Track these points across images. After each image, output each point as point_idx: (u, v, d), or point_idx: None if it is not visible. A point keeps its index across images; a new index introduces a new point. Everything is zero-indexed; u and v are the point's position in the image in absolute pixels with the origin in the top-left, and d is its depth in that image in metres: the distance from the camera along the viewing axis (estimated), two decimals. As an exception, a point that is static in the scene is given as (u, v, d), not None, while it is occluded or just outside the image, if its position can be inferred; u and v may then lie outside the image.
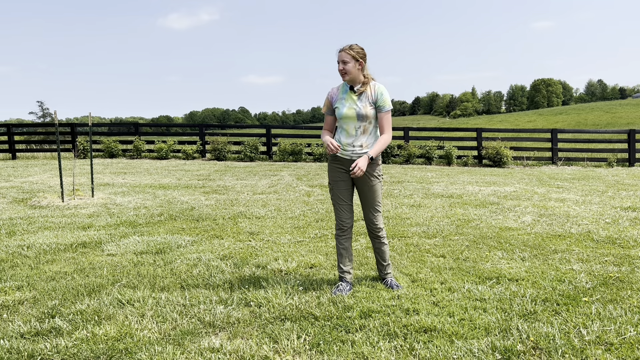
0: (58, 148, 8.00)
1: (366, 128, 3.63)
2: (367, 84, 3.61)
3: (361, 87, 3.60)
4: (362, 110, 3.58)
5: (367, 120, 3.60)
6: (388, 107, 3.61)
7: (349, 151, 3.64)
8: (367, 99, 3.60)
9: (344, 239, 3.76)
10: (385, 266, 3.85)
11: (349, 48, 3.54)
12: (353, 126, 3.62)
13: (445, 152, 16.17)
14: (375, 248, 3.85)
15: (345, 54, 3.54)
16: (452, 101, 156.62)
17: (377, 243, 3.82)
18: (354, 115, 3.59)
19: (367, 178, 3.66)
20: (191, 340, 2.87)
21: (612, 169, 14.72)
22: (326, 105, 3.78)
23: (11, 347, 2.77)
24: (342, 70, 3.56)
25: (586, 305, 3.35)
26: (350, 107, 3.60)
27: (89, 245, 5.11)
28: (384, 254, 3.83)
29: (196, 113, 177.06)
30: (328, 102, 3.76)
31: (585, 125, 54.70)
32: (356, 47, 3.56)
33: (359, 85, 3.61)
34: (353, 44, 3.57)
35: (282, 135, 18.41)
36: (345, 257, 3.76)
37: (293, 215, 6.77)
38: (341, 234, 3.75)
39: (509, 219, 6.49)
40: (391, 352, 2.71)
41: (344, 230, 3.74)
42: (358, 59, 3.54)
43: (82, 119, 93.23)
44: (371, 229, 3.78)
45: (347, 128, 3.64)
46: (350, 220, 3.74)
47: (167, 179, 10.87)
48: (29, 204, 7.51)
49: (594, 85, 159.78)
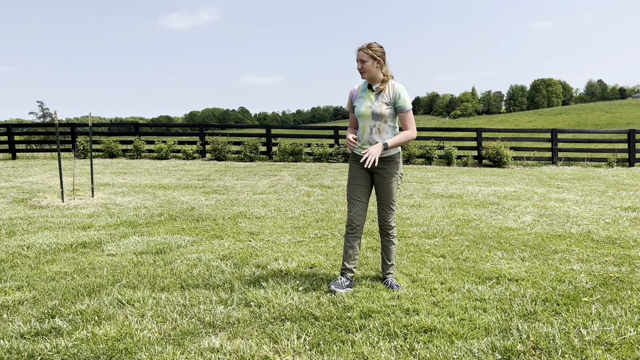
0: (58, 148, 8.00)
1: (381, 127, 3.65)
2: (386, 82, 3.64)
3: (380, 86, 3.63)
4: (377, 109, 3.60)
5: (382, 119, 3.63)
6: (409, 107, 3.66)
7: (366, 149, 3.66)
8: (384, 98, 3.63)
9: (353, 237, 3.77)
10: (389, 266, 3.86)
11: (367, 47, 3.57)
12: (368, 124, 3.67)
13: (445, 152, 16.17)
14: (384, 246, 3.87)
15: (363, 53, 3.57)
16: (452, 101, 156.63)
17: (386, 241, 3.85)
18: (369, 114, 3.63)
19: (387, 176, 3.70)
20: (191, 340, 2.87)
21: (612, 169, 14.72)
22: (348, 103, 3.85)
23: (11, 347, 2.77)
24: (361, 69, 3.61)
25: (586, 305, 3.35)
26: (366, 105, 3.65)
27: (89, 245, 5.11)
28: (391, 253, 3.85)
29: (196, 113, 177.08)
30: (349, 100, 3.82)
31: (585, 125, 54.69)
32: (375, 46, 3.59)
33: (378, 83, 3.64)
34: (372, 43, 3.60)
35: (282, 135, 18.40)
36: (351, 256, 3.78)
37: (293, 215, 6.77)
38: (351, 232, 3.77)
39: (509, 219, 6.49)
40: (391, 352, 2.71)
41: (353, 228, 3.75)
42: (376, 57, 3.57)
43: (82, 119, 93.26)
44: (383, 226, 3.82)
45: (363, 126, 3.70)
46: (361, 218, 3.76)
47: (167, 179, 10.87)
48: (29, 204, 7.51)
49: (594, 85, 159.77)
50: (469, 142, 17.76)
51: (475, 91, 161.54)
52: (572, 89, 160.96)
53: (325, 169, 13.58)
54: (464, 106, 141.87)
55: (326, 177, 11.49)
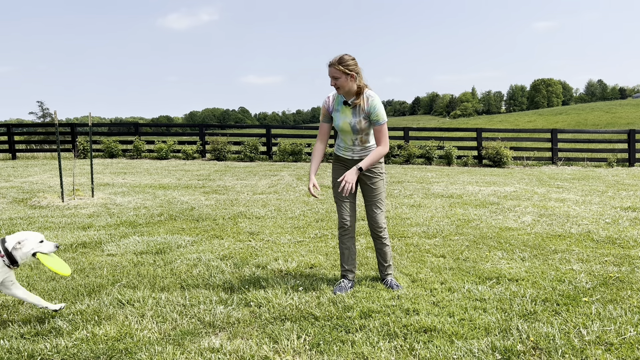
0: (58, 148, 8.00)
1: (363, 138, 3.66)
2: (360, 95, 3.53)
3: (355, 100, 3.53)
4: (356, 125, 3.58)
5: (362, 132, 3.62)
6: (382, 121, 3.53)
7: (349, 152, 3.71)
8: (361, 112, 3.56)
9: (347, 238, 3.75)
10: (386, 267, 3.83)
11: (338, 62, 3.43)
12: (350, 137, 3.66)
13: (445, 152, 16.17)
14: (377, 249, 3.83)
15: (334, 70, 3.44)
16: (452, 101, 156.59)
17: (379, 244, 3.80)
18: (349, 129, 3.62)
19: (371, 175, 3.68)
20: (191, 340, 2.87)
21: (612, 169, 14.72)
22: (323, 113, 3.74)
23: (11, 347, 2.77)
24: (335, 86, 3.51)
25: (586, 305, 3.35)
26: (345, 121, 3.60)
27: (89, 245, 5.11)
28: (386, 255, 3.81)
29: (196, 113, 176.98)
30: (325, 110, 3.71)
31: (585, 125, 54.67)
32: (346, 59, 3.44)
33: (353, 97, 3.54)
34: (343, 56, 3.46)
35: (282, 135, 18.40)
36: (348, 257, 3.75)
37: (293, 215, 6.77)
38: (343, 233, 3.74)
39: (509, 219, 6.49)
40: (391, 352, 2.71)
41: (345, 229, 3.73)
42: (348, 72, 3.43)
43: (82, 119, 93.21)
44: (374, 228, 3.75)
45: (344, 138, 3.69)
46: (352, 218, 3.73)
47: (167, 179, 10.87)
48: (29, 204, 7.51)
49: (594, 85, 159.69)
50: (469, 142, 17.76)
51: (475, 91, 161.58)
52: (572, 89, 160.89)
53: (325, 169, 13.58)
54: (464, 106, 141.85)
55: (326, 177, 11.49)
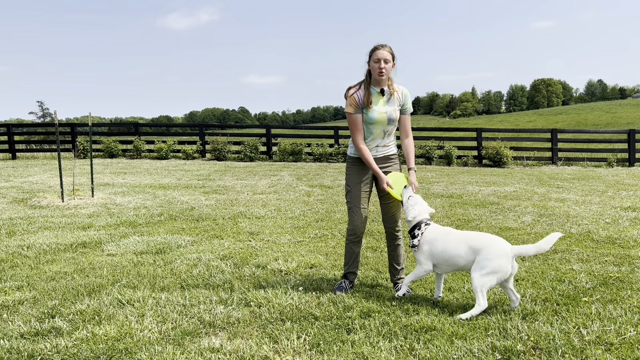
0: (58, 148, 8.00)
1: (391, 130, 3.59)
2: (391, 85, 3.49)
3: (391, 89, 3.47)
4: (392, 115, 3.49)
5: (394, 123, 3.54)
6: (411, 109, 3.61)
7: (373, 151, 3.58)
8: (395, 102, 3.50)
9: (355, 244, 3.68)
10: (399, 270, 3.75)
11: (388, 46, 3.36)
12: (382, 129, 3.52)
13: (445, 152, 16.17)
14: (391, 251, 3.74)
15: (387, 53, 3.33)
16: (452, 101, 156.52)
17: (394, 244, 3.72)
18: (385, 120, 3.47)
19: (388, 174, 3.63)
20: (191, 340, 2.87)
21: (612, 169, 14.72)
22: (353, 105, 3.45)
23: (11, 347, 2.77)
24: (383, 69, 3.34)
25: (586, 305, 3.35)
26: (380, 112, 3.45)
27: (89, 245, 5.11)
28: (400, 257, 3.74)
29: (196, 113, 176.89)
30: (354, 101, 3.44)
31: (585, 125, 54.62)
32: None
33: (386, 86, 3.47)
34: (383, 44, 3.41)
35: (282, 135, 18.41)
36: (354, 261, 3.70)
37: (293, 215, 6.77)
38: (354, 240, 3.66)
39: (509, 219, 6.49)
40: (391, 352, 2.71)
41: (357, 236, 3.65)
42: (394, 59, 3.40)
43: (82, 119, 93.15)
44: (390, 227, 3.69)
45: (375, 132, 3.52)
46: (364, 226, 3.64)
47: (167, 179, 10.87)
48: (29, 204, 7.51)
49: (594, 85, 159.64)
50: (469, 142, 17.75)
51: (475, 91, 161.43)
52: (572, 89, 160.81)
53: (325, 169, 13.58)
54: (464, 106, 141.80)
55: (326, 177, 11.49)
